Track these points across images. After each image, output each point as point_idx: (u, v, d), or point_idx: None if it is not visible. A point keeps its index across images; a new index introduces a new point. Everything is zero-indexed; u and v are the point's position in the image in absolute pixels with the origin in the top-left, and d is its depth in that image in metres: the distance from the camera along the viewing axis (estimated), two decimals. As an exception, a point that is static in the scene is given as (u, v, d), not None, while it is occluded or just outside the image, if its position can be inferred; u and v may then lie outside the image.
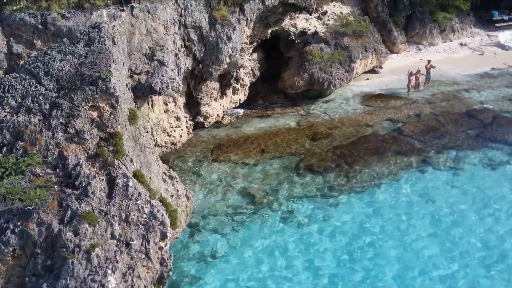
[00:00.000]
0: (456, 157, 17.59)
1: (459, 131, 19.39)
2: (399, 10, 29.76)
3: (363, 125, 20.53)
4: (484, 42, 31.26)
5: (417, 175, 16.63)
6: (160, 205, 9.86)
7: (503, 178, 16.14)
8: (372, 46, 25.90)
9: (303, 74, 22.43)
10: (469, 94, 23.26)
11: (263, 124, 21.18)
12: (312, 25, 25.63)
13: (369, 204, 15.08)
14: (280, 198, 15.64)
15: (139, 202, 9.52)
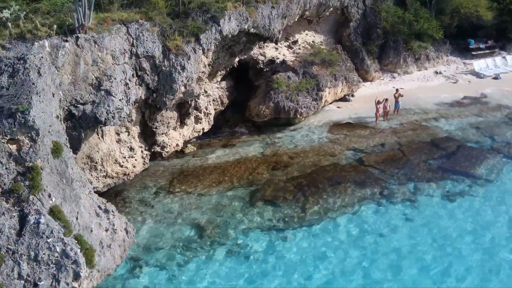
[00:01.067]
0: (415, 189, 17.29)
1: (421, 162, 19.12)
2: (372, 39, 29.90)
3: (326, 154, 20.28)
4: (460, 70, 31.33)
5: (372, 208, 16.30)
6: (75, 243, 9.50)
7: (460, 211, 15.80)
8: (342, 75, 25.89)
9: (269, 103, 22.31)
10: (437, 123, 23.10)
11: (227, 153, 20.92)
12: (282, 53, 25.67)
13: (319, 238, 14.70)
14: (230, 230, 15.29)
15: (50, 240, 9.16)
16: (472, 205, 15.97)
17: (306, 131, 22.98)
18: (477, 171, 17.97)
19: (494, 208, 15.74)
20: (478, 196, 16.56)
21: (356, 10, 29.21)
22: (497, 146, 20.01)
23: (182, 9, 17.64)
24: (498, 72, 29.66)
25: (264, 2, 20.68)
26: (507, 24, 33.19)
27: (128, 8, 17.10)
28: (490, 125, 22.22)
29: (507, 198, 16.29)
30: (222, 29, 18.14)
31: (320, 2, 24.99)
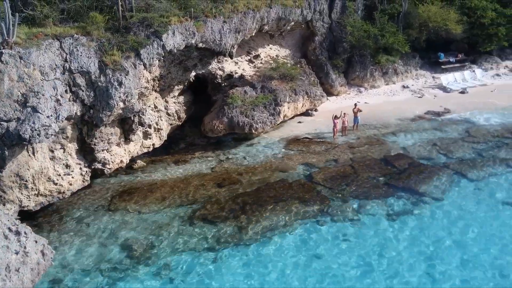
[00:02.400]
0: (358, 207, 16.90)
1: (370, 178, 18.75)
2: (339, 53, 29.77)
3: (276, 170, 19.91)
4: (428, 84, 31.17)
5: (312, 227, 15.89)
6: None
7: (399, 231, 15.35)
8: (303, 89, 25.65)
9: (222, 118, 22.00)
10: (395, 138, 22.79)
11: (177, 169, 20.55)
12: (242, 68, 25.44)
13: (253, 260, 14.23)
14: (161, 251, 14.82)
15: None
16: (413, 225, 15.54)
17: (262, 147, 22.63)
18: (424, 189, 17.60)
19: (434, 229, 15.28)
20: (421, 216, 16.14)
21: (322, 24, 29.08)
22: (449, 163, 19.67)
23: (123, 23, 17.34)
24: (465, 86, 29.46)
25: (214, 17, 20.44)
26: (478, 37, 33.00)
27: (66, 23, 16.78)
28: (447, 141, 21.91)
29: (450, 218, 15.83)
30: (165, 44, 17.85)
31: (280, 16, 24.81)
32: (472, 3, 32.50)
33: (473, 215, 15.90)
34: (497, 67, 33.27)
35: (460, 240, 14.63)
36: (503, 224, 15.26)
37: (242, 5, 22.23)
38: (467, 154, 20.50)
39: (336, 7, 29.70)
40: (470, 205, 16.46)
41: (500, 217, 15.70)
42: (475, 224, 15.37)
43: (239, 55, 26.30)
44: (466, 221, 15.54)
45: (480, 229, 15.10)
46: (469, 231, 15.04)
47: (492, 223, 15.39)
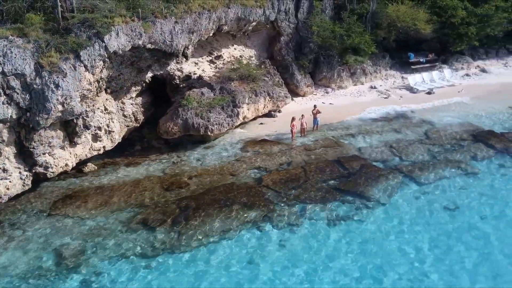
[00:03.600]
0: (302, 212, 16.61)
1: (319, 182, 18.49)
2: (305, 53, 29.47)
3: (227, 173, 19.61)
4: (396, 85, 30.92)
5: (251, 232, 15.63)
6: None
7: (339, 237, 15.07)
8: (265, 90, 25.33)
9: (177, 120, 21.67)
10: (353, 140, 22.54)
11: (128, 172, 20.23)
12: (201, 69, 25.12)
13: (187, 267, 13.97)
14: (94, 258, 14.54)
15: None
16: (351, 230, 15.28)
17: (219, 149, 22.33)
18: (370, 192, 17.35)
19: (376, 234, 15.03)
20: (362, 220, 15.92)
21: (287, 24, 28.77)
22: (401, 165, 19.43)
23: (63, 24, 16.97)
24: (432, 87, 29.22)
25: (165, 17, 20.08)
26: (449, 37, 32.77)
27: (2, 25, 16.41)
28: (404, 143, 21.66)
29: (392, 223, 15.59)
30: (107, 45, 17.51)
31: (239, 17, 24.48)
32: (443, 2, 32.16)
33: (413, 220, 15.64)
34: (468, 67, 33.05)
35: (393, 246, 14.32)
36: (440, 230, 14.97)
37: (196, 5, 21.87)
38: (422, 156, 20.26)
39: (303, 6, 29.37)
40: (412, 210, 16.22)
41: (438, 222, 15.39)
42: (412, 229, 15.09)
43: (200, 56, 25.99)
44: (405, 226, 15.26)
45: (415, 235, 14.80)
46: (404, 237, 14.73)
47: (430, 229, 15.08)
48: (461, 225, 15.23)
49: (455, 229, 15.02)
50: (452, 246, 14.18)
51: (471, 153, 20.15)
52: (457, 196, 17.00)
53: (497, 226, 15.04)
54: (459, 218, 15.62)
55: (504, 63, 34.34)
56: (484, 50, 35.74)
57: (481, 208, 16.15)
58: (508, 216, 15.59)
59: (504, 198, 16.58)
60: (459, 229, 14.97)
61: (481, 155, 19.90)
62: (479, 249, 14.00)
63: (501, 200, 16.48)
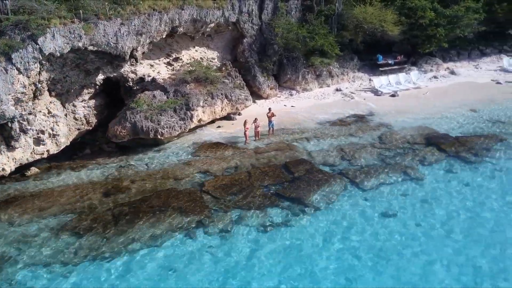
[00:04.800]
0: (237, 218, 16.26)
1: (262, 187, 18.15)
2: (269, 55, 29.12)
3: (171, 178, 19.26)
4: (363, 87, 30.58)
5: (180, 239, 15.24)
6: None
7: (266, 244, 14.69)
8: (223, 93, 24.98)
9: (125, 123, 21.31)
10: (306, 144, 22.21)
11: (72, 177, 19.89)
12: (157, 71, 24.76)
13: (107, 275, 13.57)
14: (12, 267, 14.12)
15: None
16: (283, 237, 14.94)
17: (170, 152, 21.99)
18: (310, 198, 17.00)
19: (306, 241, 14.65)
20: (295, 226, 15.54)
21: (251, 26, 28.42)
22: (347, 170, 19.06)
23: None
24: (397, 89, 28.87)
25: (109, 19, 19.71)
26: (418, 38, 32.45)
27: None
28: (356, 147, 21.31)
29: (326, 229, 15.24)
30: (42, 47, 17.13)
31: (195, 18, 24.11)
32: (412, 3, 31.82)
33: (347, 227, 15.29)
34: (437, 69, 32.73)
35: (320, 253, 13.96)
36: (375, 237, 14.60)
37: (146, 6, 21.50)
38: (370, 160, 19.92)
39: (267, 8, 29.02)
40: (348, 217, 15.86)
41: (374, 229, 15.03)
42: (344, 237, 14.75)
43: (157, 58, 25.66)
44: (337, 233, 14.91)
45: (346, 242, 14.47)
46: (334, 244, 14.38)
47: (364, 236, 14.71)
48: (395, 233, 14.81)
49: (388, 237, 14.60)
50: (383, 254, 13.76)
51: (420, 158, 19.81)
52: (397, 203, 16.61)
53: (429, 234, 14.64)
54: (394, 225, 15.20)
55: (475, 64, 34.02)
56: (456, 51, 35.44)
57: (418, 216, 15.73)
58: (442, 224, 15.16)
59: (443, 205, 16.15)
60: (393, 237, 14.56)
61: (430, 160, 19.55)
62: (408, 257, 13.60)
63: (440, 208, 16.06)
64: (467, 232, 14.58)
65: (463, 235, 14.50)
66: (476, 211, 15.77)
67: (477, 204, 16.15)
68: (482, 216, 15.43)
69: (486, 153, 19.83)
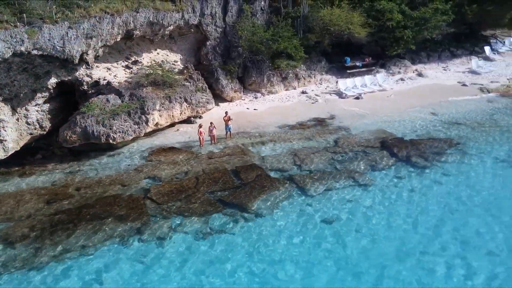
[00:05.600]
0: (177, 225, 16.00)
1: (207, 193, 17.90)
2: (233, 58, 28.85)
3: (118, 184, 18.96)
4: (329, 90, 30.41)
5: (114, 248, 14.93)
6: None
7: (204, 251, 14.43)
8: (182, 96, 24.70)
9: (75, 128, 20.98)
10: (261, 148, 22.00)
11: (18, 183, 19.62)
12: (114, 74, 24.41)
13: (32, 285, 13.22)
14: None
15: None
16: (222, 244, 14.69)
17: (123, 157, 21.70)
18: (254, 204, 16.77)
19: (243, 248, 14.41)
20: (234, 233, 15.30)
21: (214, 28, 28.17)
22: (296, 176, 18.84)
23: None
24: (361, 92, 28.69)
25: (56, 22, 19.36)
26: (386, 40, 32.33)
27: None
28: (309, 152, 21.10)
29: (264, 236, 15.02)
30: (-21, 52, 16.73)
31: (151, 21, 23.78)
32: (380, 5, 31.69)
33: (286, 234, 15.08)
34: (405, 71, 32.61)
35: (253, 263, 13.74)
36: (311, 244, 14.39)
37: (97, 9, 21.16)
38: (321, 165, 19.71)
39: (231, 10, 28.77)
40: (289, 223, 15.65)
41: (312, 237, 14.81)
42: (281, 244, 14.55)
43: (115, 61, 25.33)
44: (275, 241, 14.67)
45: (283, 250, 14.26)
46: (269, 252, 14.17)
47: (303, 244, 14.51)
48: (333, 240, 14.62)
49: (327, 244, 14.40)
50: (316, 261, 13.58)
51: (371, 163, 19.62)
52: (340, 209, 16.39)
53: (365, 242, 14.44)
54: (333, 232, 15.00)
55: (444, 66, 33.94)
56: (426, 53, 35.35)
57: (359, 222, 15.53)
58: (382, 231, 14.96)
59: (384, 212, 15.95)
60: (330, 244, 14.35)
61: (380, 165, 19.37)
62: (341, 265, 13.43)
63: (382, 214, 15.86)
64: (403, 241, 14.34)
65: (399, 242, 14.26)
66: (417, 218, 15.55)
67: (419, 211, 15.93)
68: (422, 223, 15.21)
69: (437, 158, 19.63)
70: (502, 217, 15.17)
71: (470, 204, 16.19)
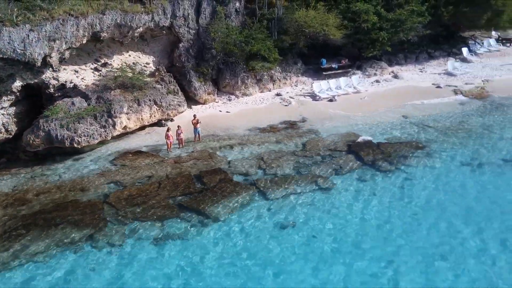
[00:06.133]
0: (132, 231, 15.81)
1: (167, 198, 17.70)
2: (206, 60, 28.63)
3: (79, 189, 18.69)
4: (304, 92, 30.28)
5: (66, 254, 14.72)
6: None
7: (156, 259, 14.26)
8: (151, 99, 24.47)
9: (38, 132, 20.69)
10: (229, 152, 21.79)
11: (-24, 188, 19.11)
12: (81, 77, 24.11)
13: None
14: None
15: None
16: (176, 249, 14.54)
17: (88, 161, 21.41)
18: (213, 209, 16.62)
19: (195, 258, 14.25)
20: (189, 240, 15.13)
21: (187, 30, 27.95)
22: (259, 180, 18.70)
23: None
24: (335, 94, 28.59)
25: (16, 25, 19.05)
26: (362, 42, 32.23)
27: None
28: (277, 155, 20.97)
29: (221, 242, 14.87)
30: None
31: (119, 23, 23.50)
32: (355, 7, 31.59)
33: (242, 239, 14.97)
34: (381, 72, 32.54)
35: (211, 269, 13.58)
36: (268, 250, 14.24)
37: (61, 12, 20.87)
38: (286, 169, 19.58)
39: (204, 12, 28.55)
40: (246, 228, 15.54)
41: (268, 241, 14.68)
42: (236, 250, 14.44)
43: (84, 63, 25.04)
44: (231, 247, 14.50)
45: (237, 257, 14.11)
46: (223, 259, 14.01)
47: (259, 249, 14.40)
48: (287, 245, 14.48)
49: (283, 249, 14.27)
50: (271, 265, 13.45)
51: (336, 166, 19.50)
52: (299, 213, 16.27)
53: (321, 247, 14.30)
54: (290, 237, 14.88)
55: (421, 68, 33.94)
56: (404, 55, 35.28)
57: (316, 227, 15.40)
58: (338, 236, 14.85)
59: (344, 217, 15.85)
60: (287, 249, 14.23)
61: (345, 169, 19.26)
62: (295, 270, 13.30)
63: (340, 219, 15.75)
64: (359, 246, 14.24)
65: (354, 248, 14.16)
66: (377, 222, 15.47)
67: (379, 215, 15.85)
68: (381, 227, 15.12)
69: (402, 161, 19.56)
70: (454, 222, 15.12)
71: (427, 208, 16.12)
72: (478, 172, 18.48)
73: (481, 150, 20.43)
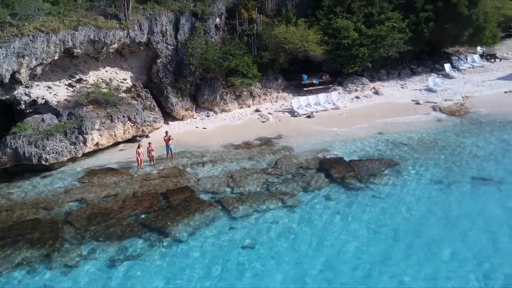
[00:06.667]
0: (90, 251, 15.41)
1: (129, 216, 17.40)
2: (184, 75, 28.54)
3: (42, 207, 18.40)
4: (282, 108, 30.11)
5: (19, 277, 14.33)
6: None
7: (115, 278, 13.89)
8: (125, 115, 24.30)
9: (5, 149, 20.45)
10: (200, 169, 21.57)
11: None
12: (54, 93, 23.95)
13: None
14: None
15: None
16: (132, 271, 14.19)
17: (57, 178, 21.16)
18: (174, 228, 16.33)
19: (149, 281, 13.86)
20: (146, 260, 14.75)
21: (165, 46, 27.92)
22: (226, 198, 18.43)
23: None
24: (314, 110, 28.45)
25: (-17, 41, 18.94)
26: (343, 58, 32.24)
27: None
28: (247, 173, 20.70)
29: (178, 263, 14.55)
30: None
31: (92, 39, 23.41)
32: (336, 24, 31.67)
33: (202, 260, 14.64)
34: (362, 88, 32.47)
35: None
36: (226, 271, 13.91)
37: (31, 28, 20.79)
38: (254, 187, 19.34)
39: (183, 28, 28.58)
40: (207, 248, 15.20)
41: (229, 263, 14.37)
42: (195, 273, 14.10)
43: (58, 79, 24.89)
44: (189, 268, 14.21)
45: (196, 279, 13.74)
46: (179, 280, 13.66)
47: (219, 270, 14.07)
48: (247, 266, 14.17)
49: (238, 271, 13.98)
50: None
51: (305, 184, 19.26)
52: (262, 233, 15.98)
53: (283, 267, 13.98)
54: (251, 257, 14.55)
55: (402, 84, 33.90)
56: (386, 70, 35.27)
57: (275, 248, 15.07)
58: (296, 254, 14.55)
59: (307, 236, 15.55)
60: (249, 270, 13.91)
61: (313, 187, 19.02)
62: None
63: (302, 239, 15.44)
64: (324, 267, 13.94)
65: (319, 268, 13.86)
66: (341, 242, 15.16)
67: (343, 235, 15.55)
68: (344, 248, 14.83)
69: (371, 179, 19.32)
70: (414, 241, 14.84)
71: (392, 227, 15.83)
72: (445, 190, 18.20)
73: (453, 167, 20.16)
